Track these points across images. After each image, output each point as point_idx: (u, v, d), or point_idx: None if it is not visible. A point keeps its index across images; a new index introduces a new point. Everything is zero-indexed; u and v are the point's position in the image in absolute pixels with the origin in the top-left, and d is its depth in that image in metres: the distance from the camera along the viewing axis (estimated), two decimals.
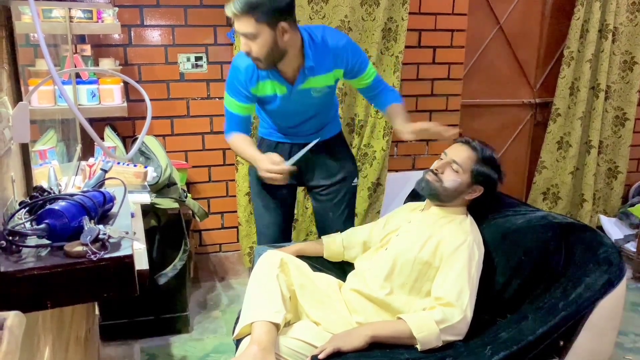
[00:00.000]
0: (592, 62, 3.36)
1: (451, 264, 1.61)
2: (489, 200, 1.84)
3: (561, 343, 1.57)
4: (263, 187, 2.20)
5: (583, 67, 3.36)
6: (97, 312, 2.38)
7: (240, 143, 2.05)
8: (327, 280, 1.83)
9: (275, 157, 1.92)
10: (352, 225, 2.28)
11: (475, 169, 1.74)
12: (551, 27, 3.61)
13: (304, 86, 1.98)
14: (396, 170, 3.30)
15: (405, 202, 2.13)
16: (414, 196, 2.13)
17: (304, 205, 3.03)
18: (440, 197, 1.77)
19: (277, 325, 1.53)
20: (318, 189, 2.23)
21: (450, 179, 1.74)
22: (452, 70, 3.28)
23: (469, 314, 1.57)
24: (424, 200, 1.90)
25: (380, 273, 1.70)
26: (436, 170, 1.77)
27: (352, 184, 2.25)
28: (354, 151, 3.07)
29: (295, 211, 2.58)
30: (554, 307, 1.53)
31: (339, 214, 2.24)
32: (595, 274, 1.54)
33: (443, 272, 1.62)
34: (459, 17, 3.19)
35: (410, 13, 2.94)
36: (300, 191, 2.85)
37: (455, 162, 1.75)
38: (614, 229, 3.51)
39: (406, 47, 3.00)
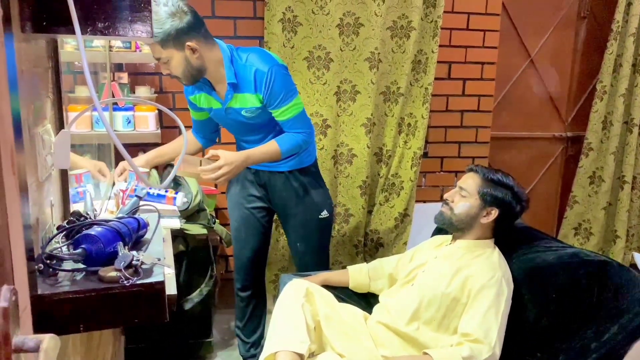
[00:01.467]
0: (625, 97, 3.32)
1: (479, 300, 1.59)
2: (512, 226, 1.82)
3: None
4: (235, 209, 2.26)
5: (616, 101, 3.32)
6: (122, 335, 2.40)
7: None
8: (353, 311, 1.81)
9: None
10: (326, 259, 2.28)
11: (482, 190, 1.76)
12: (583, 61, 3.59)
13: (232, 104, 1.98)
14: (424, 201, 3.28)
15: (432, 235, 2.11)
16: (441, 229, 2.11)
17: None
18: (456, 225, 1.78)
19: (301, 356, 1.52)
20: (286, 215, 2.22)
21: (459, 205, 1.77)
22: (482, 102, 3.28)
23: (498, 352, 1.54)
24: (451, 234, 1.88)
25: (406, 309, 1.69)
26: (446, 199, 1.81)
27: (320, 217, 2.20)
28: (381, 181, 3.07)
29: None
30: (586, 347, 1.49)
31: (308, 247, 2.22)
32: (630, 315, 1.50)
33: (471, 309, 1.60)
34: (490, 50, 3.20)
35: (440, 45, 2.96)
36: None
37: (462, 188, 1.79)
38: None
39: (436, 78, 3.01)
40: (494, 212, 1.74)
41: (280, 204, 2.20)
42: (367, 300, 1.99)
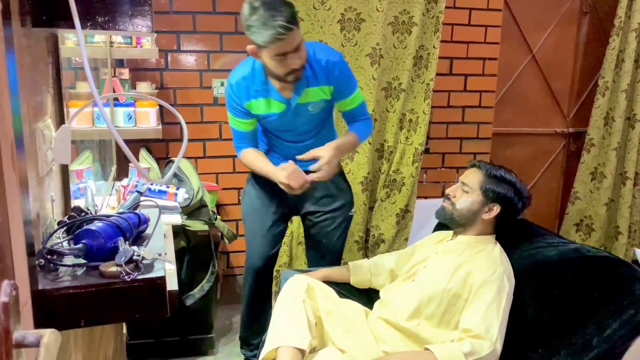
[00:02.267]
0: (627, 93, 3.30)
1: (481, 296, 1.59)
2: (513, 222, 1.82)
3: None
4: (256, 211, 2.18)
5: (618, 97, 3.31)
6: (124, 331, 2.41)
7: (253, 158, 2.06)
8: (354, 307, 1.81)
9: (288, 166, 1.91)
10: (341, 254, 2.27)
11: (484, 186, 1.75)
12: (585, 57, 3.58)
13: (300, 100, 1.94)
14: (425, 197, 3.28)
15: (434, 231, 2.11)
16: (443, 225, 2.11)
17: None
18: (457, 221, 1.77)
19: (302, 352, 1.53)
20: (315, 214, 2.18)
21: (461, 200, 1.76)
22: (483, 98, 3.27)
23: (499, 347, 1.53)
24: (452, 229, 1.88)
25: (407, 305, 1.69)
26: (448, 194, 1.81)
27: (350, 214, 2.21)
28: (382, 177, 3.07)
29: None
30: (588, 343, 1.49)
31: (333, 242, 2.21)
32: (631, 311, 1.49)
33: (472, 304, 1.60)
34: (491, 46, 3.19)
35: (442, 41, 2.95)
36: None
37: (464, 183, 1.79)
38: None
39: (437, 74, 3.00)
40: (496, 209, 1.74)
41: (311, 202, 2.16)
42: (368, 296, 1.99)
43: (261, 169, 2.04)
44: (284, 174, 1.90)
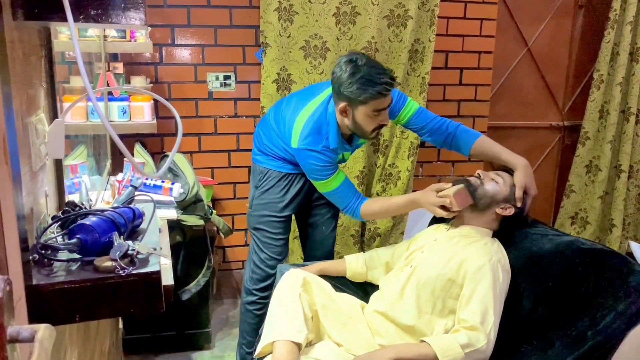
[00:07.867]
0: (622, 86, 3.31)
1: (475, 284, 1.59)
2: (513, 226, 1.84)
3: None
4: (276, 219, 2.13)
5: (613, 90, 3.32)
6: (120, 326, 2.41)
7: (382, 201, 2.07)
8: (350, 300, 1.82)
9: (435, 185, 1.87)
10: (334, 242, 2.35)
11: (514, 189, 1.78)
12: (580, 50, 3.58)
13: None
14: None
15: (429, 225, 2.11)
16: (438, 219, 2.11)
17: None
18: (477, 197, 1.76)
19: (298, 345, 1.53)
20: (317, 201, 2.22)
21: (491, 184, 1.78)
22: (479, 91, 3.27)
23: (493, 337, 1.54)
24: (449, 222, 1.89)
25: (404, 290, 1.69)
26: (479, 174, 1.81)
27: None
28: (378, 171, 3.07)
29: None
30: (583, 335, 1.49)
31: (332, 229, 2.28)
32: (626, 303, 1.50)
33: (467, 293, 1.60)
34: (487, 39, 3.19)
35: (437, 35, 2.94)
36: None
37: (498, 174, 1.81)
38: None
39: (433, 68, 3.00)
40: (510, 210, 1.77)
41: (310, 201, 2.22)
42: (364, 290, 1.99)
43: (398, 206, 1.98)
44: (432, 197, 1.82)
